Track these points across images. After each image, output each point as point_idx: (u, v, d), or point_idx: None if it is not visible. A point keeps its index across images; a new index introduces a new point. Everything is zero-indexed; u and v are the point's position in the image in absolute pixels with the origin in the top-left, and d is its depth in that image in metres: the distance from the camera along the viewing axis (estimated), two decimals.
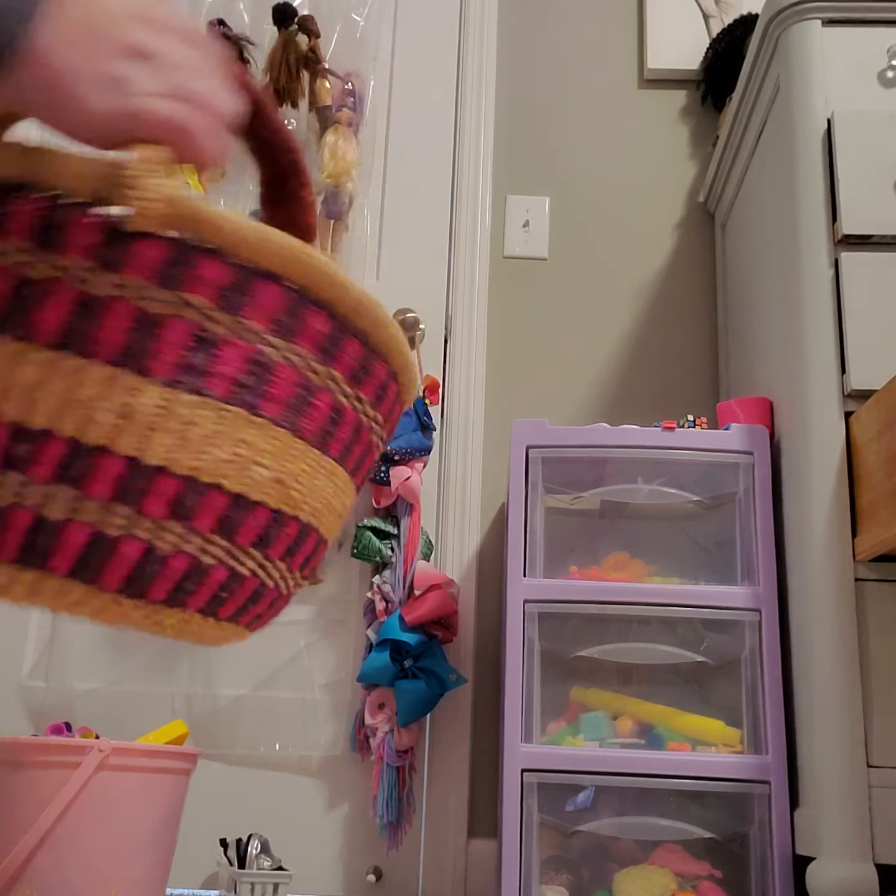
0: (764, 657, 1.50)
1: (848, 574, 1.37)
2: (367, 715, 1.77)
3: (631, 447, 1.60)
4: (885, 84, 1.58)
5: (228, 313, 0.45)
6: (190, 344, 0.44)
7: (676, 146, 2.21)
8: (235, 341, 0.45)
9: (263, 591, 0.50)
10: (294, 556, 0.51)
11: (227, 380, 0.45)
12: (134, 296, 0.43)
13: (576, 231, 2.16)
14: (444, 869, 1.79)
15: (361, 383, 0.51)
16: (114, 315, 0.43)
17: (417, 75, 2.25)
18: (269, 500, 0.48)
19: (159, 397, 0.44)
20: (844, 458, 1.40)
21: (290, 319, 0.47)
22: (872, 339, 1.43)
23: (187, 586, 0.47)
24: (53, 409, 0.43)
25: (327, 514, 0.52)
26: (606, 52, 2.28)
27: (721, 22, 2.21)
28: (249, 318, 0.45)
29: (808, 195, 1.52)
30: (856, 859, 1.29)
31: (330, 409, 0.50)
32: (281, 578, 0.51)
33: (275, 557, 0.50)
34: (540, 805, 1.50)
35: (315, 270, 0.47)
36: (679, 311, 2.11)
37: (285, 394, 0.47)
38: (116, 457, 0.43)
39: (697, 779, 1.46)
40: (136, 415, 0.43)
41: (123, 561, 0.45)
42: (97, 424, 0.43)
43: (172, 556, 0.45)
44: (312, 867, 1.79)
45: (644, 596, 1.54)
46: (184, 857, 1.58)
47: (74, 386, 0.43)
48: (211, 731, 1.86)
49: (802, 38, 1.60)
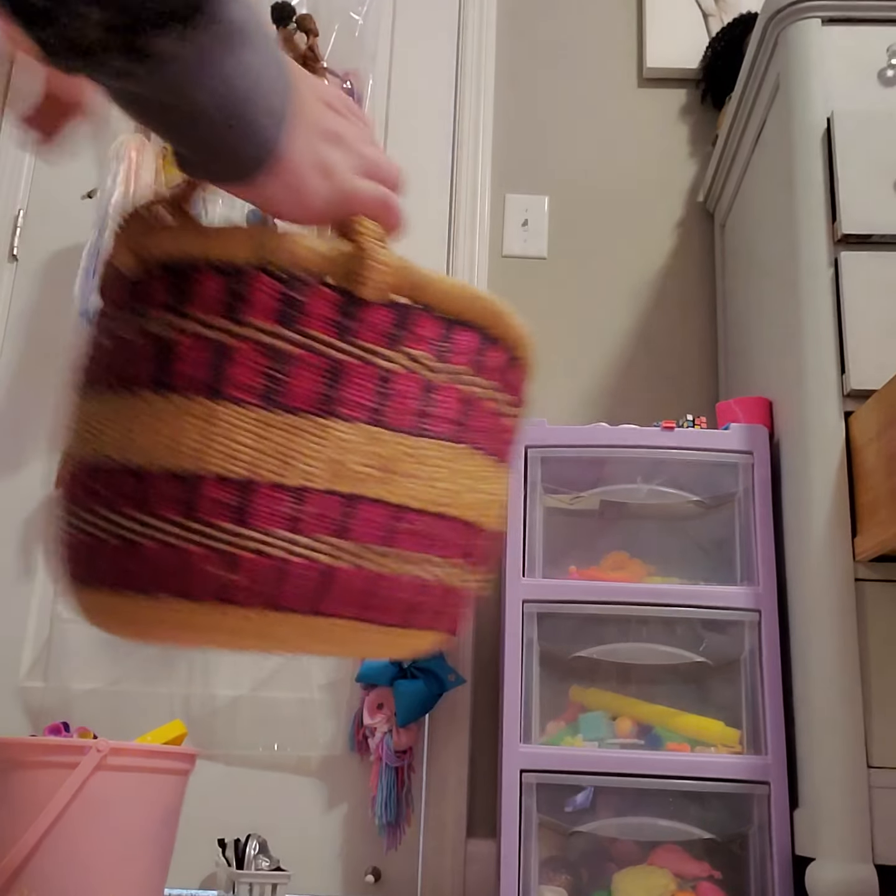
0: (763, 657, 1.50)
1: (848, 574, 1.37)
2: (366, 715, 1.77)
3: (630, 447, 1.60)
4: (885, 83, 1.57)
5: (442, 362, 0.50)
6: (416, 393, 0.49)
7: (676, 145, 2.21)
8: (452, 385, 0.50)
9: (428, 590, 0.53)
10: (433, 546, 0.53)
11: (448, 420, 0.50)
12: (369, 358, 0.47)
13: (575, 230, 2.16)
14: (442, 869, 1.79)
15: (482, 367, 0.54)
16: (357, 377, 0.47)
17: (416, 74, 2.24)
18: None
19: (398, 444, 0.48)
20: (844, 457, 1.40)
21: (479, 357, 0.52)
22: (872, 339, 1.43)
23: (371, 602, 0.50)
24: (309, 465, 0.47)
25: (471, 498, 0.54)
26: (605, 50, 2.27)
27: (720, 21, 2.20)
28: (456, 363, 0.50)
29: (808, 194, 1.52)
30: (855, 860, 1.29)
31: (497, 422, 0.54)
32: (437, 574, 0.53)
33: (445, 555, 0.53)
34: (539, 805, 1.50)
35: (497, 314, 0.52)
36: (678, 310, 2.10)
37: (486, 424, 0.52)
38: (371, 501, 0.48)
39: (697, 779, 1.46)
40: (390, 463, 0.48)
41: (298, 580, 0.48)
42: (349, 475, 0.47)
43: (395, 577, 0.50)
44: (311, 867, 1.79)
45: (643, 596, 1.54)
46: (182, 858, 1.57)
47: (326, 443, 0.47)
48: (209, 731, 1.85)
49: (802, 36, 1.59)
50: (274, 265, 0.46)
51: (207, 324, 0.46)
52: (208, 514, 0.46)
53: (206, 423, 0.46)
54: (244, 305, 0.46)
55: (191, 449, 0.46)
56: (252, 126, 0.43)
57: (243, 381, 0.46)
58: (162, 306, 0.47)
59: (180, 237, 0.47)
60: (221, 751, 1.85)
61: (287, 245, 0.46)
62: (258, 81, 0.43)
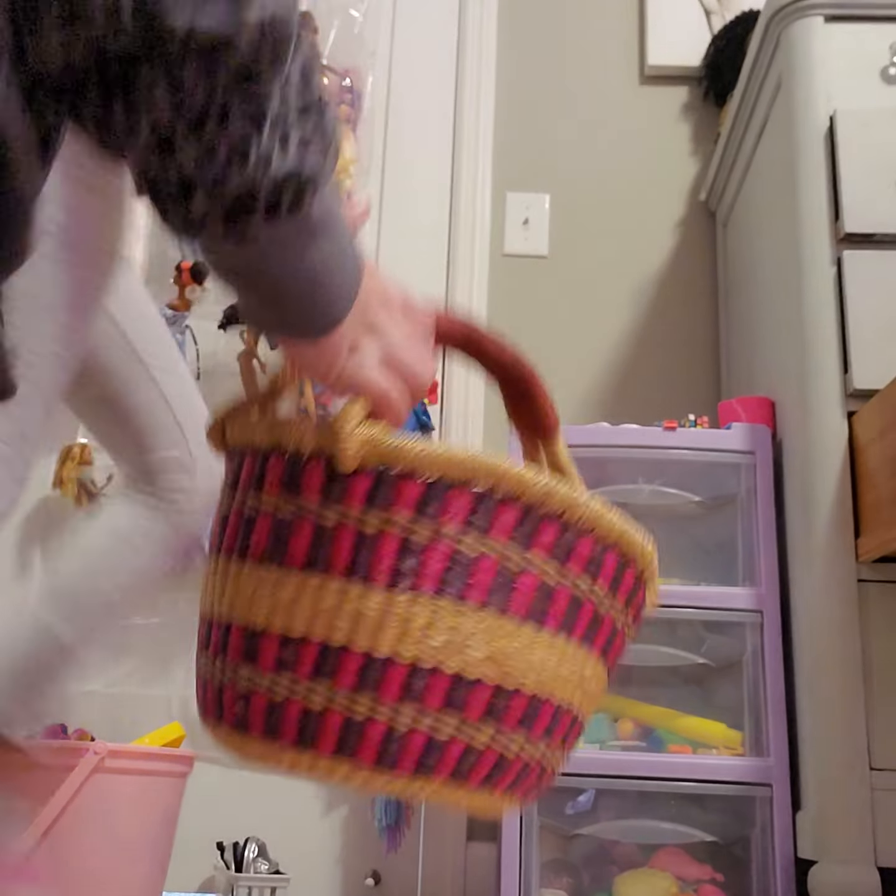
0: (766, 659, 1.49)
1: (850, 575, 1.36)
2: None
3: (632, 447, 1.59)
4: (888, 81, 1.57)
5: (427, 521, 0.53)
6: (398, 551, 0.53)
7: (677, 143, 2.20)
8: (435, 545, 0.53)
9: (507, 763, 0.56)
10: (532, 727, 0.57)
11: (432, 578, 0.53)
12: (353, 520, 0.53)
13: (576, 229, 2.15)
14: (443, 872, 1.78)
15: (566, 561, 0.57)
16: (340, 538, 0.53)
17: (416, 72, 2.23)
18: (485, 677, 0.54)
19: (381, 600, 0.53)
20: (847, 458, 1.39)
21: (483, 516, 0.54)
22: (875, 339, 1.42)
23: (428, 760, 0.54)
24: (307, 619, 0.53)
25: (559, 685, 0.58)
26: (607, 48, 2.26)
27: (722, 18, 2.19)
28: (445, 522, 0.54)
29: (810, 193, 1.51)
30: (858, 862, 1.28)
31: (534, 589, 0.56)
32: (522, 750, 0.57)
33: (507, 729, 0.56)
34: (540, 808, 1.49)
35: (498, 472, 0.54)
36: (680, 309, 2.09)
37: (486, 580, 0.54)
38: (355, 654, 0.53)
39: (698, 781, 1.45)
40: (364, 617, 0.53)
41: (371, 741, 0.53)
42: (339, 629, 0.53)
43: (409, 733, 0.53)
44: (310, 871, 1.78)
45: None
46: (180, 861, 1.56)
47: (319, 599, 0.53)
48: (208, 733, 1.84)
49: (804, 34, 1.58)
50: (283, 446, 0.55)
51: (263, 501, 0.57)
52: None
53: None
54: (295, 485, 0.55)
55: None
56: (327, 304, 0.52)
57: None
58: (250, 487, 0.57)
59: (256, 429, 0.58)
60: (220, 753, 1.84)
61: (296, 430, 0.55)
62: (336, 268, 0.51)
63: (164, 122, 0.41)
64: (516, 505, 0.55)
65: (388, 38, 2.24)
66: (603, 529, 0.58)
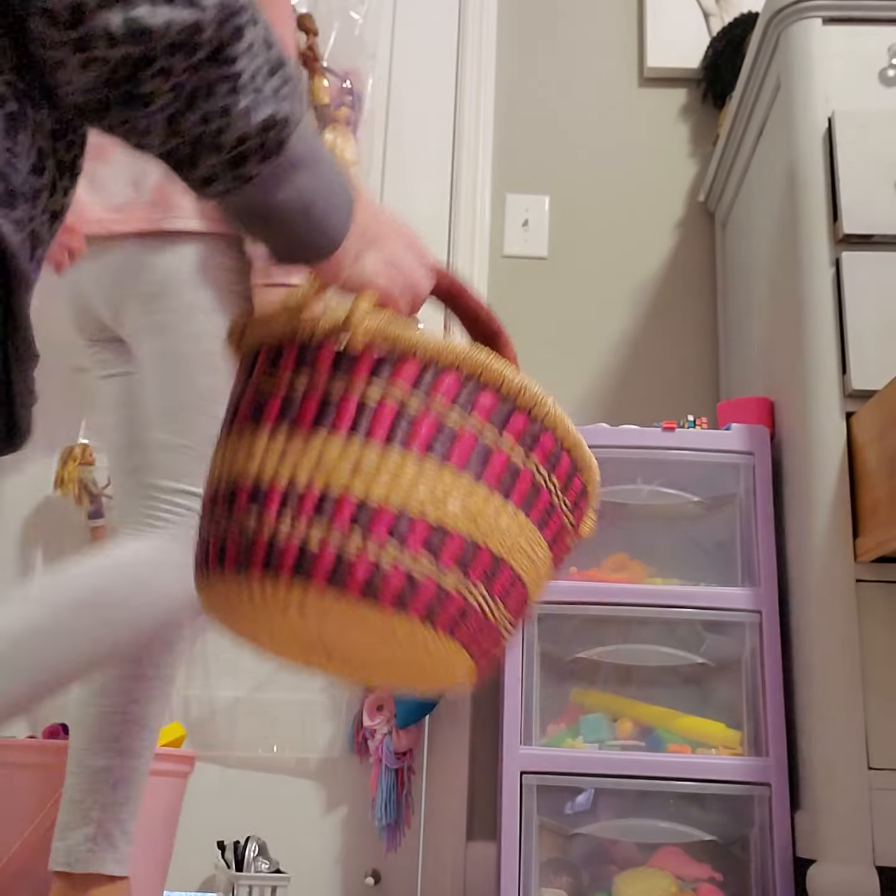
0: (765, 659, 1.49)
1: (849, 575, 1.37)
2: (366, 717, 1.77)
3: (631, 447, 1.60)
4: (886, 83, 1.57)
5: (422, 395, 0.64)
6: (393, 419, 0.63)
7: (676, 145, 2.20)
8: (425, 416, 0.63)
9: (469, 611, 0.63)
10: (492, 583, 0.64)
11: (423, 442, 0.63)
12: (357, 391, 0.63)
13: (575, 230, 2.15)
14: (443, 872, 1.78)
15: (531, 449, 0.67)
16: (346, 405, 0.63)
17: (416, 74, 2.24)
18: (460, 529, 0.62)
19: (375, 457, 0.62)
20: (845, 458, 1.40)
21: (467, 397, 0.65)
22: (873, 339, 1.42)
23: (406, 595, 0.61)
24: (310, 470, 0.62)
25: (519, 555, 0.66)
26: (606, 50, 2.27)
27: (721, 20, 2.20)
28: (435, 398, 0.64)
29: (809, 194, 1.52)
30: (856, 862, 1.28)
31: (504, 466, 0.65)
32: (484, 602, 0.64)
33: (474, 578, 0.63)
34: (539, 807, 1.50)
35: (480, 363, 0.65)
36: (679, 310, 2.10)
37: (467, 450, 0.64)
38: (350, 500, 0.62)
39: (698, 781, 1.46)
40: (361, 470, 0.62)
41: (356, 575, 0.61)
42: (339, 479, 0.62)
43: (392, 569, 0.61)
44: (310, 870, 1.78)
45: (644, 597, 1.54)
46: (181, 860, 1.57)
47: (324, 452, 0.62)
48: (208, 733, 1.85)
49: (803, 36, 1.59)
50: (301, 329, 0.66)
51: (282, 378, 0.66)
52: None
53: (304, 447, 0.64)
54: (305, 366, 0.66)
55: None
56: (324, 227, 0.62)
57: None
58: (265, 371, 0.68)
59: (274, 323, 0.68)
60: (221, 753, 1.84)
61: (315, 317, 0.65)
62: (327, 195, 0.61)
63: (167, 105, 0.50)
64: (496, 394, 0.66)
65: (389, 40, 2.25)
66: (561, 432, 0.69)
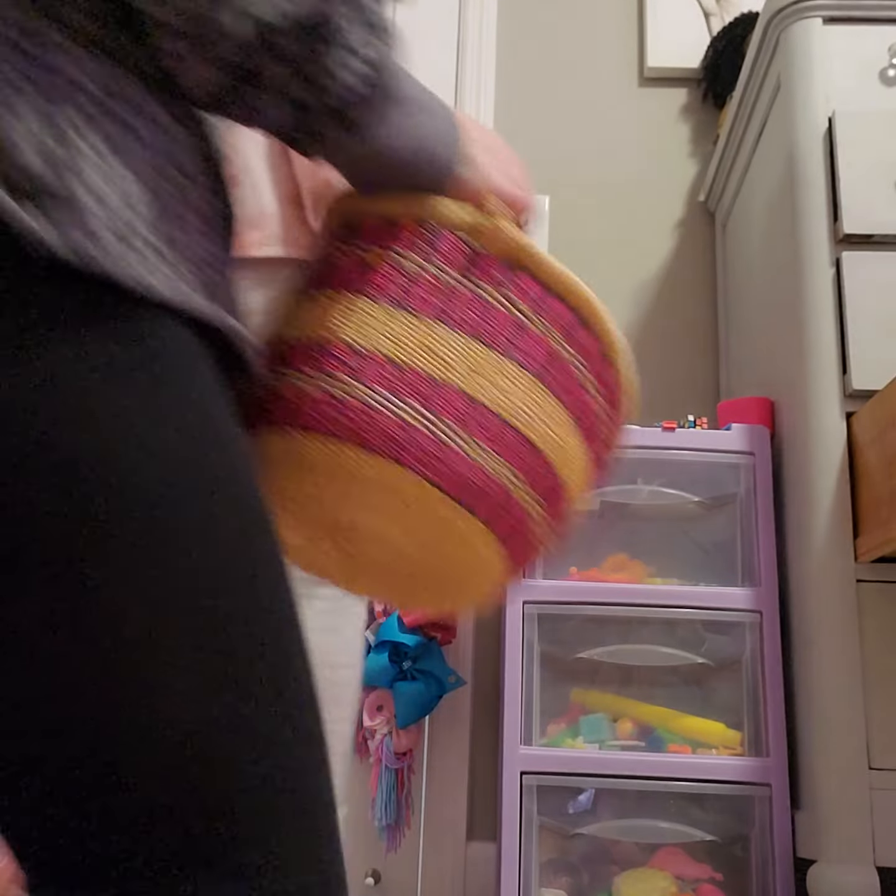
0: (765, 659, 1.49)
1: (849, 575, 1.37)
2: (366, 717, 1.77)
3: (631, 447, 1.59)
4: (887, 82, 1.57)
5: (536, 315, 0.65)
6: (510, 328, 0.64)
7: (677, 145, 2.20)
8: (542, 336, 0.65)
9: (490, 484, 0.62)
10: (514, 460, 0.63)
11: (533, 359, 0.64)
12: (477, 288, 0.64)
13: (575, 230, 2.15)
14: (442, 872, 1.78)
15: (571, 338, 0.67)
16: (465, 302, 0.64)
17: (416, 72, 2.23)
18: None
19: (486, 356, 0.63)
20: (846, 458, 1.40)
21: (570, 330, 0.66)
22: (873, 339, 1.42)
23: (428, 459, 0.61)
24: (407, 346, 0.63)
25: (543, 429, 0.65)
26: (606, 50, 2.27)
27: (722, 20, 2.20)
28: (548, 322, 0.65)
29: (809, 194, 1.52)
30: (857, 862, 1.28)
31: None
32: (504, 471, 0.62)
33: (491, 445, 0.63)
34: (539, 807, 1.50)
35: (589, 303, 0.67)
36: (679, 310, 2.10)
37: (567, 383, 0.66)
38: (454, 390, 0.62)
39: (698, 781, 1.46)
40: (476, 366, 0.63)
41: (385, 431, 0.61)
42: (439, 363, 0.63)
43: (412, 426, 0.61)
44: None
45: (644, 597, 1.54)
46: None
47: (426, 336, 0.63)
48: None
49: (803, 36, 1.59)
50: (427, 219, 0.66)
51: (366, 249, 0.66)
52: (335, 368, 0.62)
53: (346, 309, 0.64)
54: (400, 243, 0.66)
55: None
56: (435, 158, 0.65)
57: (382, 287, 0.65)
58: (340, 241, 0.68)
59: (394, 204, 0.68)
60: None
61: (439, 209, 0.66)
62: (435, 127, 0.65)
63: (286, 85, 0.54)
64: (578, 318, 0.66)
65: None
66: (573, 299, 0.68)
